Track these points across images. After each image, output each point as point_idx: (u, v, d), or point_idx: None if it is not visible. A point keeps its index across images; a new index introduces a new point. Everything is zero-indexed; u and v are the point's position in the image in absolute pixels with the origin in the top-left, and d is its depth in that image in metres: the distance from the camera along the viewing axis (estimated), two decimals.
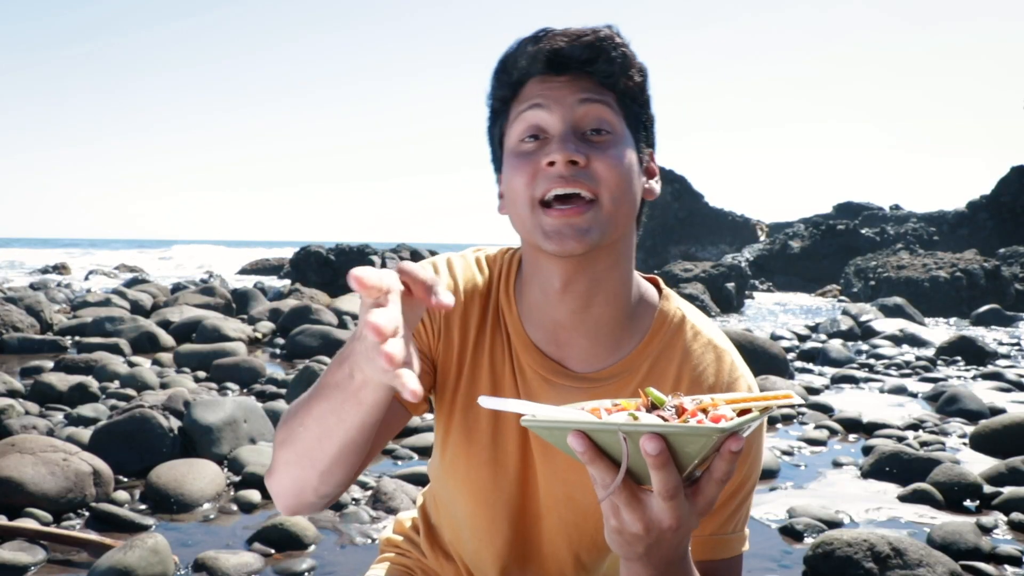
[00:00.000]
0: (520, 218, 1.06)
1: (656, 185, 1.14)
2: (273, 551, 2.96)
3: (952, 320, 14.30)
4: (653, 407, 0.81)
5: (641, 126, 1.10)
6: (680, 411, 0.80)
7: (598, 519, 1.11)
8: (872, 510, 3.61)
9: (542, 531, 1.19)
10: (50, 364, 6.33)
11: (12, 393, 5.12)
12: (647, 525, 0.79)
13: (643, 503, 0.79)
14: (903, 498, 3.73)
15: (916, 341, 9.82)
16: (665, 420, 0.77)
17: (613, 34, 1.05)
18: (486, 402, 0.82)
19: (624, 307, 1.12)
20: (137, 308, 10.33)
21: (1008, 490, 3.72)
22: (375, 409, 0.86)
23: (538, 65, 1.04)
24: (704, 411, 0.79)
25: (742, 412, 0.80)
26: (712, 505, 0.80)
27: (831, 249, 25.49)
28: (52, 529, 2.99)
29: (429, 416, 4.57)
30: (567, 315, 1.10)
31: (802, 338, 10.45)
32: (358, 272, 0.72)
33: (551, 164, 1.01)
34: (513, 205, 1.07)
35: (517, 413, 0.80)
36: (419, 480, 3.64)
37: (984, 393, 6.30)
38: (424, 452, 4.15)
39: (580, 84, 1.04)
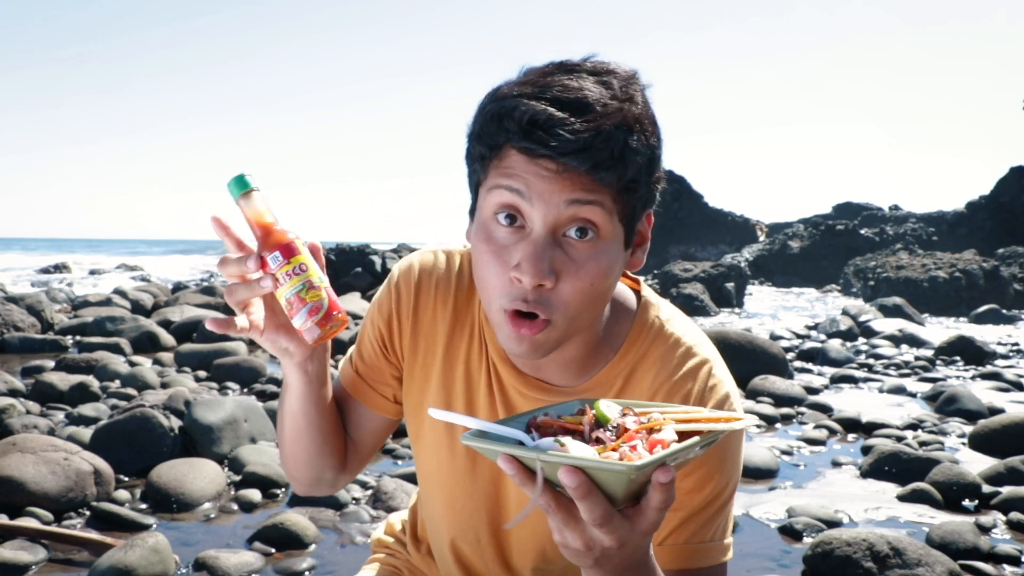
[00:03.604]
0: (485, 307, 1.03)
1: (643, 253, 1.07)
2: (273, 550, 2.96)
3: (951, 320, 14.31)
4: (598, 424, 0.80)
5: (640, 206, 1.00)
6: (621, 432, 0.79)
7: None
8: (871, 510, 3.62)
9: (513, 535, 1.20)
10: (51, 363, 6.34)
11: (13, 392, 5.12)
12: (587, 544, 0.78)
13: (581, 523, 0.77)
14: (902, 498, 3.74)
15: (915, 341, 9.82)
16: (603, 442, 0.77)
17: (626, 132, 0.90)
18: (436, 414, 0.85)
19: (596, 336, 1.11)
20: (138, 308, 10.33)
21: (1007, 490, 3.73)
22: (305, 389, 1.10)
23: (527, 142, 0.90)
24: (651, 431, 0.78)
25: (690, 434, 0.78)
26: (656, 526, 0.79)
27: (830, 249, 25.49)
28: (53, 528, 2.99)
29: None
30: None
31: (801, 338, 10.45)
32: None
33: (518, 279, 0.94)
34: (481, 291, 1.02)
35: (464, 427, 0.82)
36: None
37: (983, 393, 6.31)
38: None
39: (572, 180, 0.91)
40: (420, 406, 1.19)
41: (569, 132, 0.88)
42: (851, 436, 5.04)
